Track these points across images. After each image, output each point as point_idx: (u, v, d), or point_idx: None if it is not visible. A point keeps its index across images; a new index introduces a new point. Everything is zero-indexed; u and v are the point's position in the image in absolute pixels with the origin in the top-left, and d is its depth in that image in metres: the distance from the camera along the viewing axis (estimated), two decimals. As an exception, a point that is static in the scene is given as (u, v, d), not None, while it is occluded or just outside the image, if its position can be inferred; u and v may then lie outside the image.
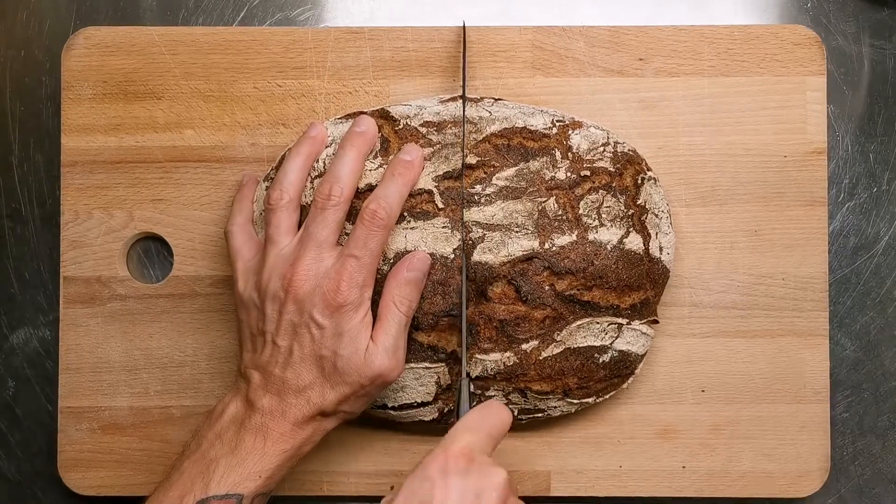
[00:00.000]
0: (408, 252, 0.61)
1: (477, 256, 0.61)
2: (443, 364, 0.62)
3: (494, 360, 0.62)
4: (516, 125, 0.63)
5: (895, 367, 0.70)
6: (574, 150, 0.63)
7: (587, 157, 0.63)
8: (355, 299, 0.58)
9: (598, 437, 0.68)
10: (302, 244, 0.59)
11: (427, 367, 0.62)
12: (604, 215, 0.62)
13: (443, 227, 0.61)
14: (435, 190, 0.62)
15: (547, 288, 0.62)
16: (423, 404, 0.64)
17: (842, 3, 0.71)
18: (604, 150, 0.64)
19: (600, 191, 0.63)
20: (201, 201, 0.69)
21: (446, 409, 0.64)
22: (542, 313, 0.62)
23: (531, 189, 0.62)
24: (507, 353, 0.62)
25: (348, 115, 0.65)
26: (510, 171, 0.62)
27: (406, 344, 0.60)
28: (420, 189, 0.62)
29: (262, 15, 0.71)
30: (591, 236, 0.62)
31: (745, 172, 0.68)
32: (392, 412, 0.65)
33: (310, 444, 0.59)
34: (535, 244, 0.61)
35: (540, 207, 0.62)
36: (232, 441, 0.57)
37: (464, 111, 0.63)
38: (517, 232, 0.61)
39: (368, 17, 0.71)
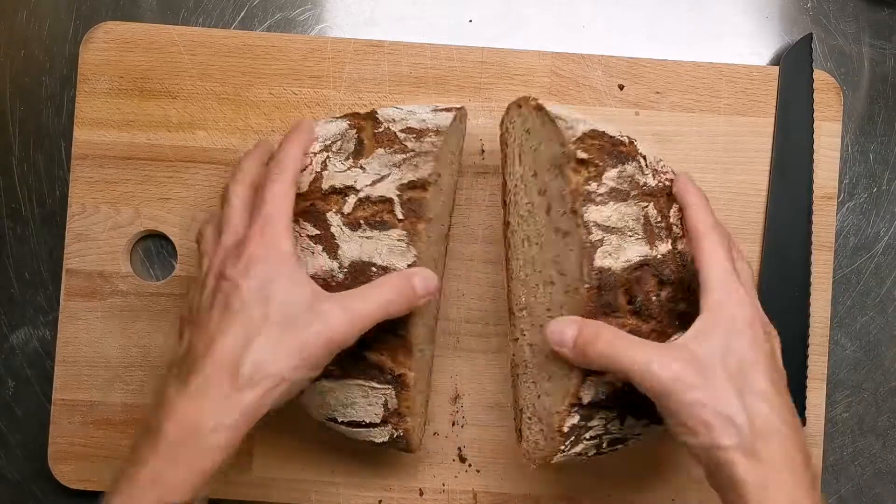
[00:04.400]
0: (363, 262, 0.57)
1: (599, 261, 0.55)
2: (389, 386, 0.58)
3: (607, 381, 0.56)
4: (597, 128, 0.59)
5: (895, 367, 0.70)
6: (648, 160, 0.60)
7: (659, 168, 0.60)
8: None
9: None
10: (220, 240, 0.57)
11: (374, 387, 0.59)
12: (682, 226, 0.59)
13: (398, 240, 0.57)
14: (396, 199, 0.57)
15: (654, 298, 0.57)
16: (372, 425, 0.60)
17: (842, 3, 0.71)
18: (664, 164, 0.61)
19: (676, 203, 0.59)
20: (209, 203, 0.68)
21: (396, 435, 0.60)
22: (648, 327, 0.56)
23: (634, 192, 0.57)
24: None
25: (345, 115, 0.63)
26: (613, 172, 0.57)
27: (366, 328, 0.55)
28: (381, 196, 0.58)
29: (263, 15, 0.71)
30: (679, 246, 0.58)
31: (754, 213, 0.68)
32: (342, 427, 0.61)
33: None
34: (647, 250, 0.57)
35: (644, 212, 0.57)
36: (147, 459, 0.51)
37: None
38: (630, 236, 0.56)
39: (368, 17, 0.71)
